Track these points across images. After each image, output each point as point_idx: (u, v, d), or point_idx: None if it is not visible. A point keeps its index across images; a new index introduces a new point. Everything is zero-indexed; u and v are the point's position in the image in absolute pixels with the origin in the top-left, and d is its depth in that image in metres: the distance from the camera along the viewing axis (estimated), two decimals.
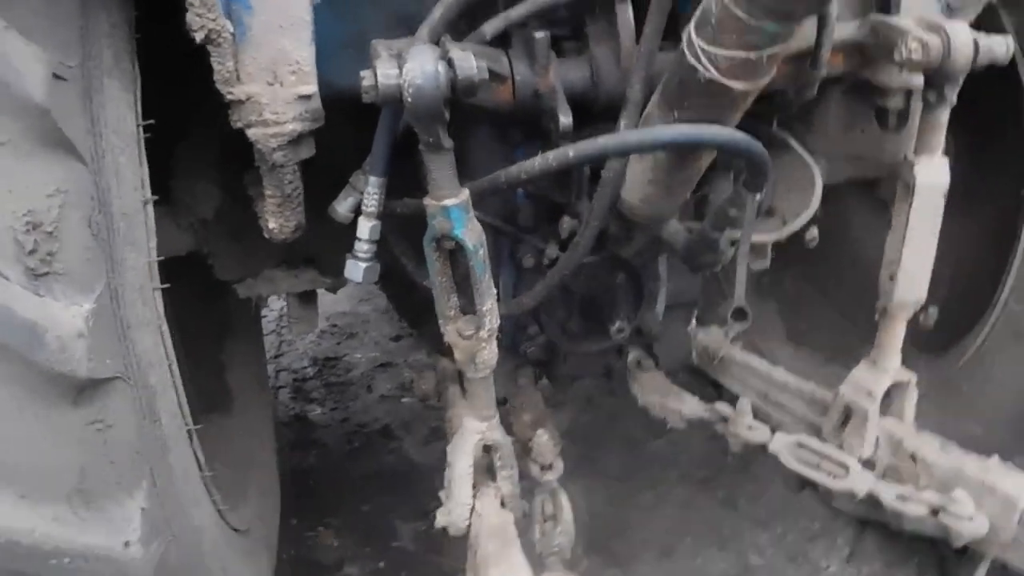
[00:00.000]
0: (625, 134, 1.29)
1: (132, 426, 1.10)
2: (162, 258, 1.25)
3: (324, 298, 2.35)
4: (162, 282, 1.24)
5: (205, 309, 2.10)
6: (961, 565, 2.14)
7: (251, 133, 1.22)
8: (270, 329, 3.73)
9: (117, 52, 1.12)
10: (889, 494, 1.70)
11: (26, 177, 0.94)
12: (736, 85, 1.22)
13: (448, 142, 1.17)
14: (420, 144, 1.17)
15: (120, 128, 1.11)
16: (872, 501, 1.74)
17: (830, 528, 2.44)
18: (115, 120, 1.10)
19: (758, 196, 1.42)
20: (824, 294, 2.89)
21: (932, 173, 1.70)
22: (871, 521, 2.39)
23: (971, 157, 2.19)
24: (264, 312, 3.52)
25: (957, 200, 1.78)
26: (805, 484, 2.59)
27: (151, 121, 1.20)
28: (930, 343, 2.31)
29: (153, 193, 1.23)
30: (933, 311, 2.33)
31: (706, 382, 2.79)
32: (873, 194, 2.52)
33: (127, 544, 1.06)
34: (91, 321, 0.99)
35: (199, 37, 1.11)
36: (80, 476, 1.02)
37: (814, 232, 2.16)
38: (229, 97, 1.19)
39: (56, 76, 0.95)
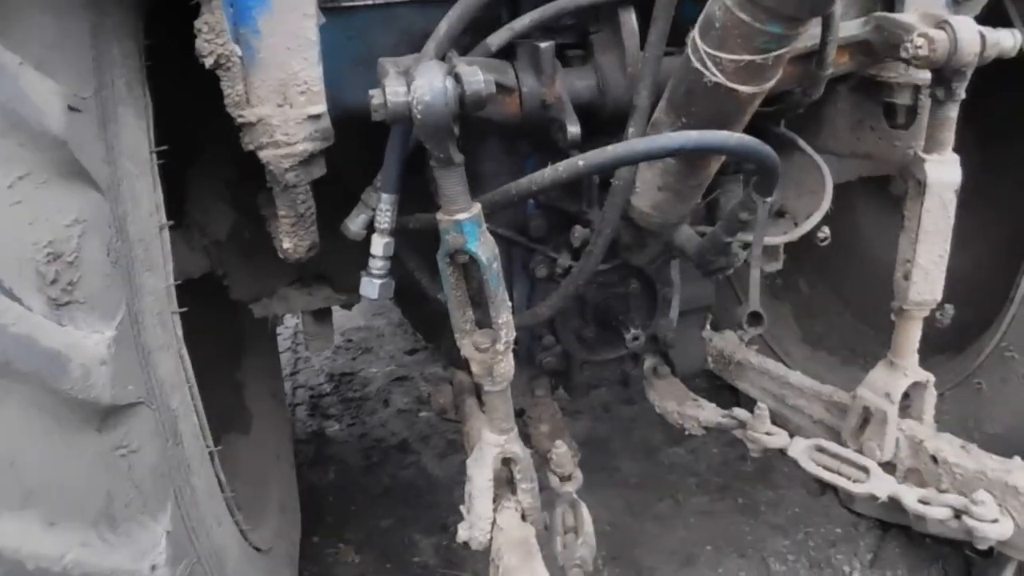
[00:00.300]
0: (634, 142, 1.29)
1: (156, 450, 1.11)
2: (178, 282, 1.26)
3: (338, 313, 2.37)
4: (178, 305, 1.25)
5: (221, 330, 2.12)
6: (988, 568, 2.13)
7: (263, 155, 1.23)
8: (285, 346, 3.75)
9: (129, 80, 1.14)
10: (911, 497, 1.67)
11: (46, 208, 0.95)
12: (742, 88, 1.22)
13: (459, 157, 1.17)
14: (431, 160, 1.17)
15: (135, 155, 1.13)
16: (894, 504, 1.71)
17: (852, 533, 2.43)
18: (130, 147, 1.12)
19: (769, 199, 1.41)
20: (838, 295, 2.87)
21: (943, 170, 1.67)
22: (894, 525, 2.38)
23: (986, 152, 2.18)
24: (279, 330, 3.54)
25: (972, 196, 1.77)
26: (825, 489, 2.57)
27: (165, 147, 1.21)
28: (948, 342, 2.29)
29: (167, 217, 1.25)
30: (949, 309, 2.30)
31: (722, 387, 2.79)
32: (884, 192, 2.51)
33: (154, 567, 1.07)
34: (113, 348, 1.00)
35: (209, 62, 1.13)
36: (107, 501, 1.03)
37: (826, 231, 2.14)
38: (240, 120, 1.20)
39: (71, 108, 0.97)
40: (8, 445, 0.95)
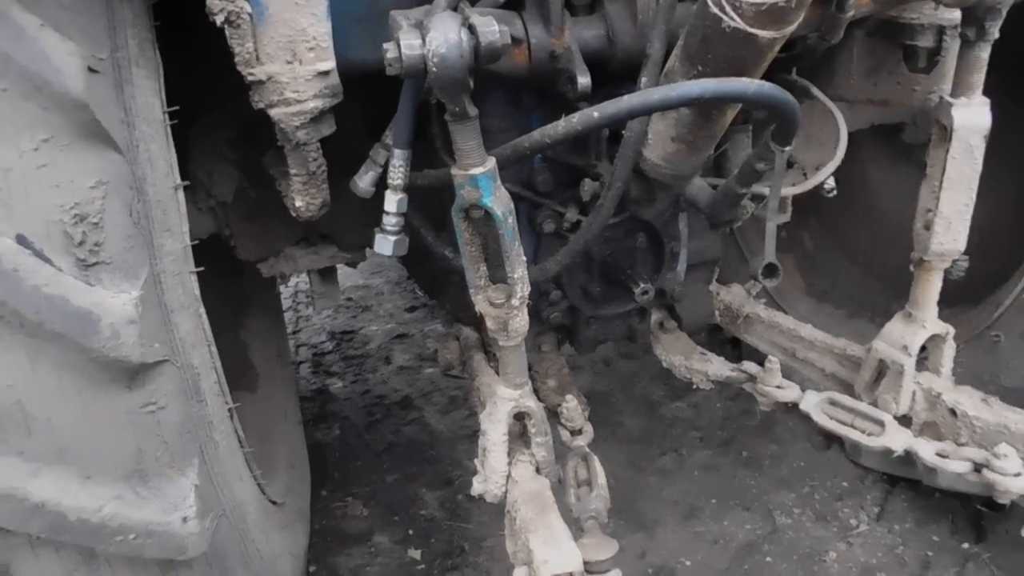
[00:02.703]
0: (649, 92, 1.28)
1: (181, 407, 1.17)
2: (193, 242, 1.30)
3: (339, 273, 2.40)
4: (196, 269, 1.30)
5: (226, 290, 2.16)
6: (998, 520, 2.18)
7: (273, 113, 1.26)
8: (287, 306, 3.81)
9: (141, 41, 1.16)
10: (928, 451, 1.67)
11: (70, 171, 0.99)
12: (763, 33, 1.19)
13: (473, 110, 1.19)
14: (446, 114, 1.20)
15: (149, 116, 1.16)
16: (903, 458, 1.72)
17: (858, 486, 2.48)
18: (145, 109, 1.15)
19: (787, 149, 1.40)
20: (844, 248, 2.87)
21: (971, 114, 1.64)
22: (901, 478, 2.42)
23: (1004, 96, 2.16)
24: (279, 289, 3.58)
25: (990, 143, 1.72)
26: (830, 443, 2.61)
27: (176, 107, 1.24)
28: (960, 295, 2.30)
29: (184, 183, 1.28)
30: (963, 261, 2.31)
31: (723, 342, 2.83)
32: (892, 141, 2.49)
33: (185, 520, 1.14)
34: (140, 307, 1.06)
35: (219, 19, 1.15)
36: (137, 456, 1.10)
37: (831, 182, 2.14)
38: (250, 78, 1.22)
39: (91, 70, 0.99)
40: (44, 403, 1.01)
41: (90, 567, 1.10)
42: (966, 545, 2.24)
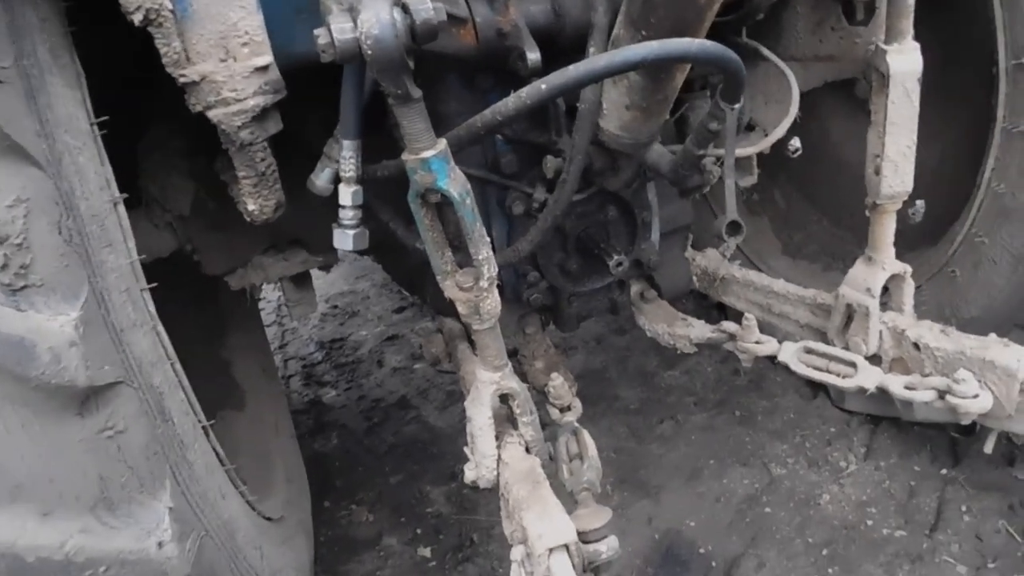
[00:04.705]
0: (594, 59, 1.22)
1: (144, 428, 1.06)
2: (144, 258, 1.19)
3: (321, 280, 2.31)
4: (149, 285, 1.19)
5: (200, 309, 2.05)
6: (970, 444, 2.21)
7: (212, 115, 1.15)
8: (271, 320, 3.68)
9: (53, 47, 1.04)
10: (897, 385, 1.69)
11: None
12: None
13: (417, 92, 1.11)
14: (389, 98, 1.11)
15: (72, 127, 1.04)
16: (882, 396, 1.73)
17: (845, 430, 2.47)
18: (65, 120, 1.03)
19: (736, 106, 1.36)
20: (814, 204, 2.85)
21: (905, 59, 1.66)
22: (883, 418, 2.42)
23: (941, 43, 2.14)
24: (262, 304, 3.46)
25: (932, 89, 1.74)
26: (817, 392, 2.61)
27: (106, 118, 1.13)
28: (921, 236, 2.29)
29: (126, 197, 1.17)
30: (920, 205, 2.31)
31: (709, 308, 2.79)
32: (850, 97, 2.48)
33: (160, 544, 1.04)
34: (81, 328, 0.94)
35: (137, 19, 1.03)
36: (100, 485, 0.99)
37: (796, 143, 2.13)
38: (182, 80, 1.11)
39: None
40: None
41: None
42: (944, 471, 2.26)
